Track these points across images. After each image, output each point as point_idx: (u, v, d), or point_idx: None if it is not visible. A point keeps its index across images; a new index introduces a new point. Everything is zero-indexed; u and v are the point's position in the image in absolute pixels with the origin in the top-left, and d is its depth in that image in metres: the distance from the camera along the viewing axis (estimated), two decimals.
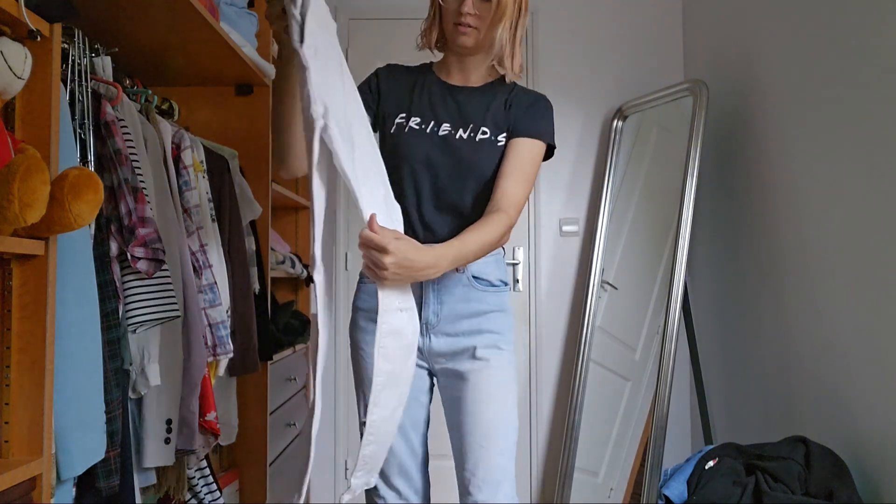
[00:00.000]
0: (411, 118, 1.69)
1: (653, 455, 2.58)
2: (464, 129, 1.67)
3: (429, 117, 1.68)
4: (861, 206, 2.06)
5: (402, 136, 1.67)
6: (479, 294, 1.66)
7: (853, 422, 2.08)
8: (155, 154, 1.80)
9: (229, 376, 2.21)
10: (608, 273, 3.20)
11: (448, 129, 1.67)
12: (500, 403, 1.62)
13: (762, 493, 1.97)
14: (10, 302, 1.29)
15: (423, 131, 1.67)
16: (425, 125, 1.68)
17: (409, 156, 1.66)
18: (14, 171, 1.13)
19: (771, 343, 2.55)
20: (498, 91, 1.72)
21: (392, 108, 1.71)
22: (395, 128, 1.69)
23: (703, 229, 3.06)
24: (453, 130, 1.67)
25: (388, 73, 1.75)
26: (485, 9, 1.60)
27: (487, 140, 1.66)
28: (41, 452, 1.28)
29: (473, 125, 1.67)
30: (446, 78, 1.74)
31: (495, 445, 1.59)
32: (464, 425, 1.61)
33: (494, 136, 1.66)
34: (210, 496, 2.07)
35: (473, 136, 1.66)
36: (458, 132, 1.66)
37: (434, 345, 1.66)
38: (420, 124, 1.68)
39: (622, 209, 3.23)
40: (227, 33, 2.14)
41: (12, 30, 1.26)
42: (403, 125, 1.68)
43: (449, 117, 1.68)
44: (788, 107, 2.46)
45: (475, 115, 1.68)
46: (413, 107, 1.70)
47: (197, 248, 1.97)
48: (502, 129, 1.67)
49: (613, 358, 3.11)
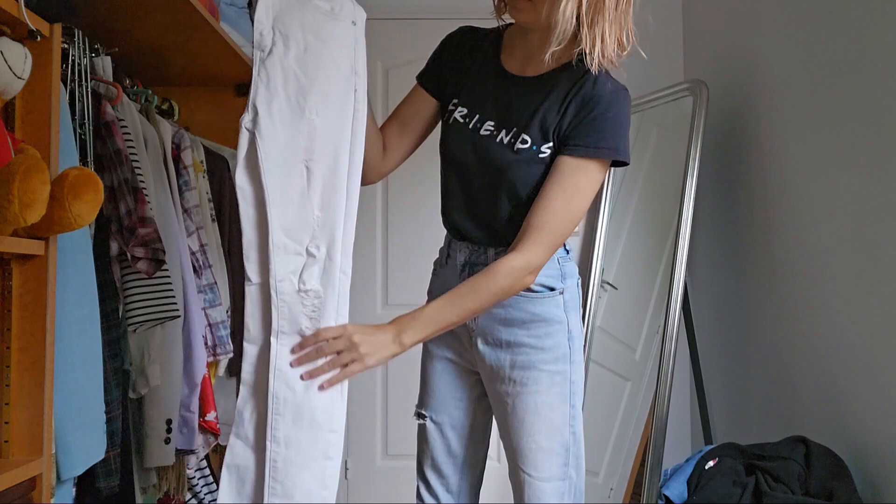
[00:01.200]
0: (459, 108, 1.44)
1: (653, 455, 2.58)
2: (506, 132, 1.38)
3: (475, 110, 1.42)
4: (861, 205, 2.06)
5: (447, 128, 1.46)
6: (526, 302, 1.43)
7: (853, 422, 2.08)
8: (155, 154, 1.80)
9: (229, 376, 2.21)
10: (608, 273, 3.20)
11: (491, 128, 1.40)
12: (537, 430, 1.45)
13: (762, 493, 1.97)
14: (10, 302, 1.29)
15: (465, 126, 1.42)
16: (469, 119, 1.42)
17: (445, 153, 1.46)
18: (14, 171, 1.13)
19: (771, 343, 2.55)
20: (560, 83, 1.37)
21: (451, 89, 1.47)
22: (446, 114, 1.47)
23: (703, 229, 3.06)
24: (496, 131, 1.39)
25: (458, 42, 1.49)
26: None
27: (527, 150, 1.36)
28: (41, 452, 1.28)
29: (516, 129, 1.37)
30: (507, 60, 1.43)
31: (538, 474, 1.46)
32: (508, 449, 1.50)
33: (537, 147, 1.36)
34: (210, 496, 2.07)
35: (514, 142, 1.37)
36: (499, 134, 1.39)
37: (481, 350, 1.49)
38: (465, 117, 1.43)
39: (622, 209, 3.23)
40: (227, 33, 2.14)
41: (12, 30, 1.26)
42: (452, 112, 1.45)
43: (496, 114, 1.40)
44: (789, 106, 2.46)
45: (521, 117, 1.37)
46: (463, 93, 1.44)
47: (197, 248, 1.97)
48: (549, 138, 1.35)
49: (613, 358, 3.11)
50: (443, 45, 1.51)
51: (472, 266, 1.46)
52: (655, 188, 3.11)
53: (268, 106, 1.26)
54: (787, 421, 2.41)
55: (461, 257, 1.47)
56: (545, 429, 1.45)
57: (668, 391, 2.62)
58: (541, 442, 1.45)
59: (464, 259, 1.47)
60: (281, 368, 1.27)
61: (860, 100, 2.06)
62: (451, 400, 1.59)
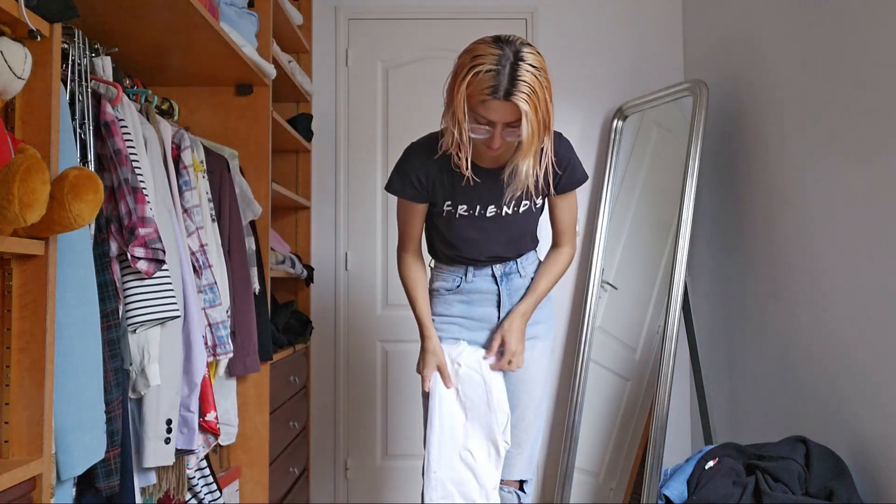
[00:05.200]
0: (458, 206, 1.89)
1: (653, 455, 2.58)
2: (507, 207, 1.89)
3: (474, 203, 1.89)
4: (861, 205, 2.06)
5: (452, 220, 1.92)
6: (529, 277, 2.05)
7: (853, 422, 2.08)
8: (155, 154, 1.80)
9: (229, 376, 2.20)
10: (608, 273, 3.20)
11: (494, 210, 1.89)
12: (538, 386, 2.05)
13: (762, 493, 1.97)
14: (10, 302, 1.29)
15: (472, 216, 1.90)
16: (472, 210, 1.90)
17: (460, 232, 1.93)
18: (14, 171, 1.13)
19: (771, 343, 2.55)
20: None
21: (439, 197, 1.90)
22: (445, 213, 1.92)
23: (703, 229, 3.06)
24: (499, 210, 1.89)
25: (422, 165, 1.87)
26: (511, 134, 1.69)
27: (529, 209, 1.92)
28: (41, 452, 1.28)
29: (514, 202, 1.88)
30: (479, 160, 1.83)
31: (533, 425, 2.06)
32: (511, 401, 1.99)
33: (535, 203, 1.92)
34: (210, 496, 2.07)
35: (517, 209, 1.90)
36: (503, 210, 1.89)
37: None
38: (468, 210, 1.90)
39: (622, 209, 3.22)
40: (227, 33, 2.14)
41: (12, 30, 1.26)
42: (453, 212, 1.91)
43: (494, 200, 1.88)
44: (789, 106, 2.46)
45: (513, 195, 1.85)
46: (458, 196, 1.88)
47: (197, 248, 1.97)
48: (541, 193, 1.89)
49: (613, 358, 3.11)
50: (414, 170, 1.88)
51: (507, 276, 2.00)
52: (655, 188, 3.11)
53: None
54: (787, 421, 2.41)
55: (497, 271, 1.99)
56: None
57: (668, 391, 2.61)
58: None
59: (500, 273, 1.99)
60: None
61: (860, 99, 2.06)
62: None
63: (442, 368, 1.94)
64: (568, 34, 3.39)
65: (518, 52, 1.63)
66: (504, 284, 2.00)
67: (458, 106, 1.67)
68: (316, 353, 3.33)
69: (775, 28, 2.55)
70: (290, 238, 3.30)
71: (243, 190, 2.36)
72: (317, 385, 3.32)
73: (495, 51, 1.63)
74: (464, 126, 1.68)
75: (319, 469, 3.32)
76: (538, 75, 1.64)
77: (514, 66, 1.62)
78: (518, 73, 1.62)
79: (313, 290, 3.33)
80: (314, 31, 3.37)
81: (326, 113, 3.37)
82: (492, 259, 1.98)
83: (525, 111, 1.62)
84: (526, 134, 1.65)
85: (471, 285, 2.00)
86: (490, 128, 1.68)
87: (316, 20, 3.37)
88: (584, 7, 3.42)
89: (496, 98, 1.63)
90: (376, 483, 3.30)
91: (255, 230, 2.45)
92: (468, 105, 1.66)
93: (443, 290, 2.02)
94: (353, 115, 3.38)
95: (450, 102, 1.72)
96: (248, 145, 2.51)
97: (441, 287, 2.03)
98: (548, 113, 1.67)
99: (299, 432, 3.07)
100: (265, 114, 2.54)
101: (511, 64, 1.62)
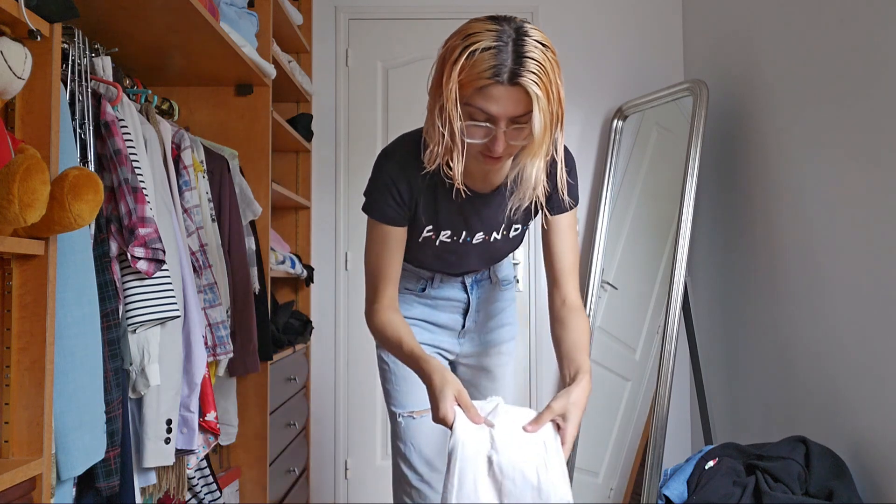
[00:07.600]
0: (441, 231, 1.56)
1: (653, 455, 2.58)
2: (496, 233, 1.59)
3: (460, 229, 1.57)
4: (861, 206, 2.06)
5: (430, 244, 1.59)
6: (501, 293, 1.84)
7: (853, 422, 2.08)
8: (155, 154, 1.80)
9: (229, 376, 2.21)
10: (608, 273, 3.20)
11: (482, 237, 1.59)
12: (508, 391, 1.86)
13: (762, 493, 1.97)
14: (10, 302, 1.29)
15: (455, 242, 1.59)
16: (457, 237, 1.58)
17: (437, 253, 1.63)
18: (14, 171, 1.13)
19: (771, 343, 2.55)
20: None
21: (420, 219, 1.55)
22: (423, 238, 1.58)
23: (703, 229, 3.06)
24: (487, 237, 1.59)
25: (402, 176, 1.50)
26: (517, 135, 1.33)
27: (519, 233, 1.64)
28: (41, 452, 1.28)
29: (505, 226, 1.58)
30: (469, 182, 1.49)
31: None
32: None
33: (525, 225, 1.64)
34: (210, 496, 2.07)
35: (506, 234, 1.61)
36: (491, 235, 1.59)
37: (464, 348, 1.83)
38: (451, 237, 1.58)
39: (622, 209, 3.22)
40: (227, 33, 2.14)
41: (12, 30, 1.26)
42: (433, 238, 1.58)
43: (482, 226, 1.57)
44: (789, 106, 2.46)
45: (505, 218, 1.56)
46: (441, 220, 1.54)
47: (197, 248, 1.97)
48: (532, 216, 1.59)
49: (613, 358, 3.11)
50: (395, 183, 1.50)
51: (478, 283, 1.78)
52: (655, 188, 3.11)
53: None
54: (787, 421, 2.41)
55: (468, 279, 1.76)
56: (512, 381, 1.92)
57: (668, 391, 2.61)
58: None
59: (471, 281, 1.76)
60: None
61: (860, 99, 2.06)
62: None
63: (461, 397, 1.34)
64: (568, 34, 3.40)
65: (520, 27, 1.29)
66: (474, 292, 1.77)
67: (449, 99, 1.30)
68: (316, 353, 3.32)
69: (775, 28, 2.55)
70: (290, 238, 3.30)
71: (243, 190, 2.36)
72: (317, 385, 3.32)
73: (493, 26, 1.28)
74: (456, 125, 1.30)
75: (319, 469, 3.32)
76: (547, 53, 1.28)
77: (519, 42, 1.26)
78: (524, 50, 1.26)
79: (313, 290, 3.33)
80: (314, 31, 3.37)
81: (326, 113, 3.37)
82: (465, 272, 1.75)
83: (536, 95, 1.26)
84: (539, 127, 1.28)
85: (437, 291, 1.75)
86: (491, 126, 1.31)
87: (316, 20, 3.37)
88: (584, 7, 3.42)
89: (499, 82, 1.26)
90: (376, 483, 3.30)
91: (255, 230, 2.45)
92: (461, 97, 1.30)
93: (404, 290, 1.73)
94: (353, 115, 3.38)
95: (436, 96, 1.35)
96: (248, 145, 2.51)
97: (403, 286, 1.71)
98: (560, 100, 1.31)
99: (299, 432, 3.07)
100: (265, 114, 2.54)
101: (514, 40, 1.26)
